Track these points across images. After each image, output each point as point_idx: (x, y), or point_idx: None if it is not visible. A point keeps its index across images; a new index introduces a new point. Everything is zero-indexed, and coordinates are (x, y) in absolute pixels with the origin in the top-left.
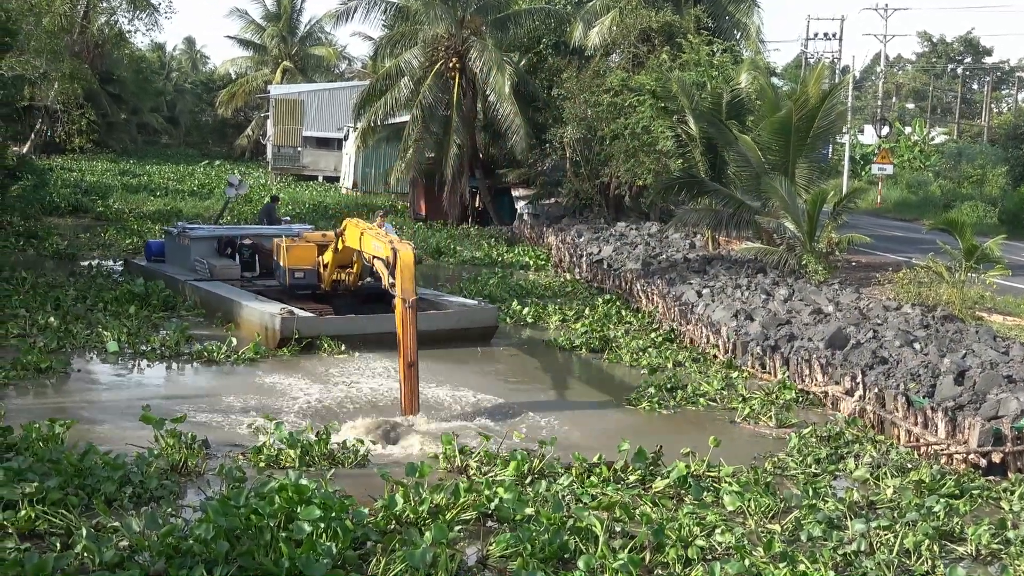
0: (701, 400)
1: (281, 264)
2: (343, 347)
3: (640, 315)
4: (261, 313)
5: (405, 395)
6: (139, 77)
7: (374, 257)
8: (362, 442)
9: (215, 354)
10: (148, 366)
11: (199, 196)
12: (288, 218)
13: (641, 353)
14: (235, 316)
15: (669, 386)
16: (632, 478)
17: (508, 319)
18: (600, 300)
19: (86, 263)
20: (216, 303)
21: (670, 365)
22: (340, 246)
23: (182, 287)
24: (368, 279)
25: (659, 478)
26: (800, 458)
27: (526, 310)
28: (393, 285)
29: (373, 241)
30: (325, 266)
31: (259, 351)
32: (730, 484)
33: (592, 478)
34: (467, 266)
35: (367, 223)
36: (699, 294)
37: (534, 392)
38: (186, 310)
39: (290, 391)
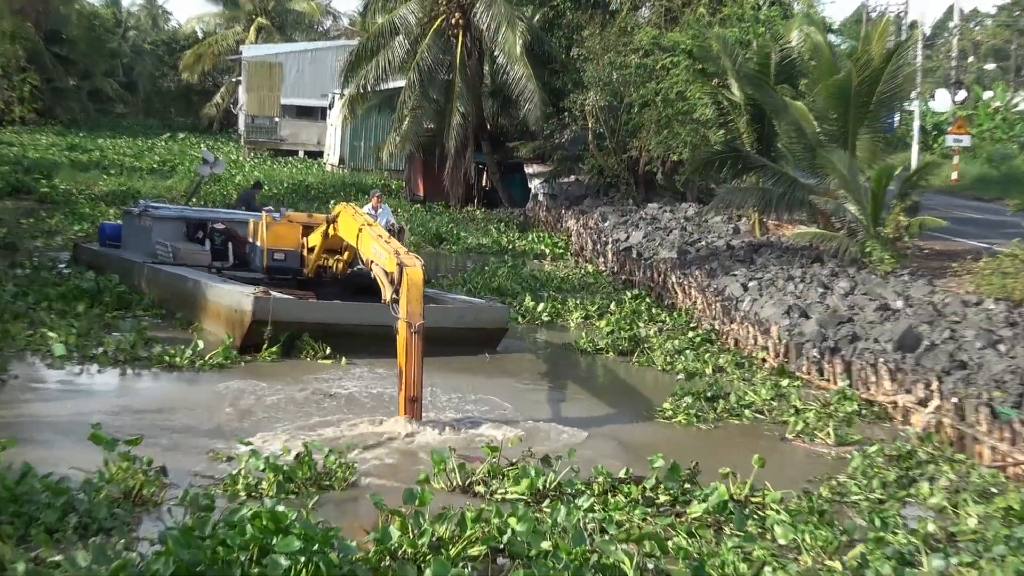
0: (746, 412)
1: (259, 244)
2: (327, 350)
3: (675, 312)
4: (230, 294)
5: (402, 404)
6: (90, 36)
7: (372, 263)
8: (341, 451)
9: (177, 359)
10: (99, 372)
11: (160, 174)
12: (270, 207)
13: (676, 356)
14: (199, 301)
15: (708, 395)
16: (663, 499)
17: (520, 317)
18: (628, 295)
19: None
20: (178, 288)
21: (710, 370)
22: (331, 232)
23: (138, 271)
24: (359, 267)
25: (695, 502)
26: (864, 481)
27: (541, 307)
28: (395, 302)
29: (374, 245)
30: (310, 249)
31: (229, 356)
32: (779, 512)
33: (618, 497)
34: (472, 255)
35: (365, 215)
36: (744, 287)
37: (550, 402)
38: (143, 309)
39: (264, 404)
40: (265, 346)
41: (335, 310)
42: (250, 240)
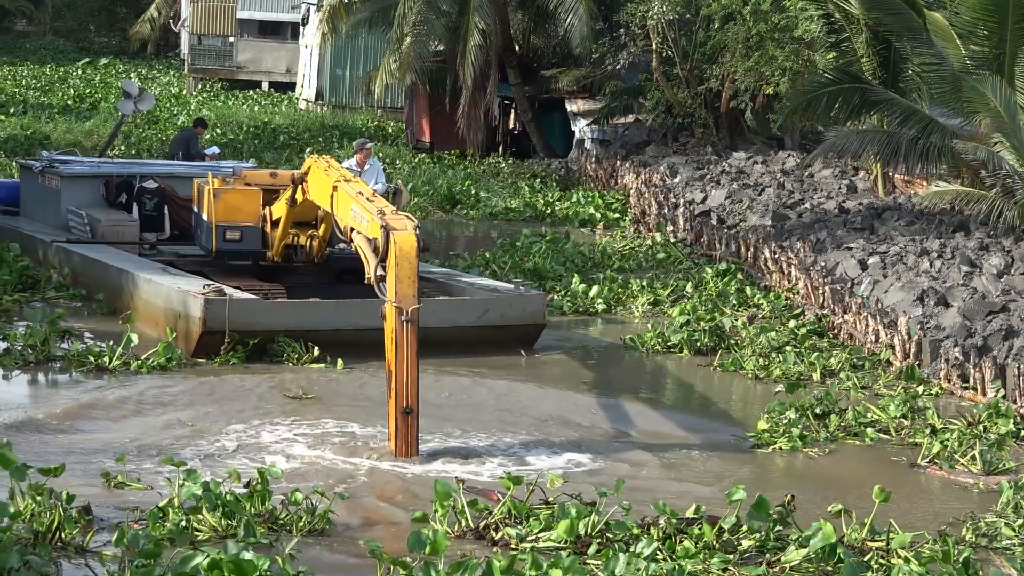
0: (868, 432)
1: (205, 217)
2: (315, 351)
3: (769, 296)
4: (171, 292)
5: (399, 438)
6: None
7: (352, 230)
8: (322, 493)
9: (104, 359)
10: (3, 376)
11: (75, 114)
12: (216, 149)
13: (774, 356)
14: (129, 299)
15: (818, 409)
16: (747, 544)
17: (566, 305)
18: (710, 270)
19: None
20: (99, 279)
21: (817, 375)
22: (299, 196)
23: (44, 253)
24: (341, 244)
25: (792, 546)
26: (1019, 521)
27: (595, 291)
28: (382, 279)
29: (352, 205)
30: (275, 223)
31: (173, 355)
32: (908, 560)
33: (686, 543)
34: (497, 223)
35: (343, 170)
36: (863, 265)
37: (599, 419)
38: (56, 289)
39: (219, 420)
40: (224, 351)
41: (316, 312)
42: (194, 209)
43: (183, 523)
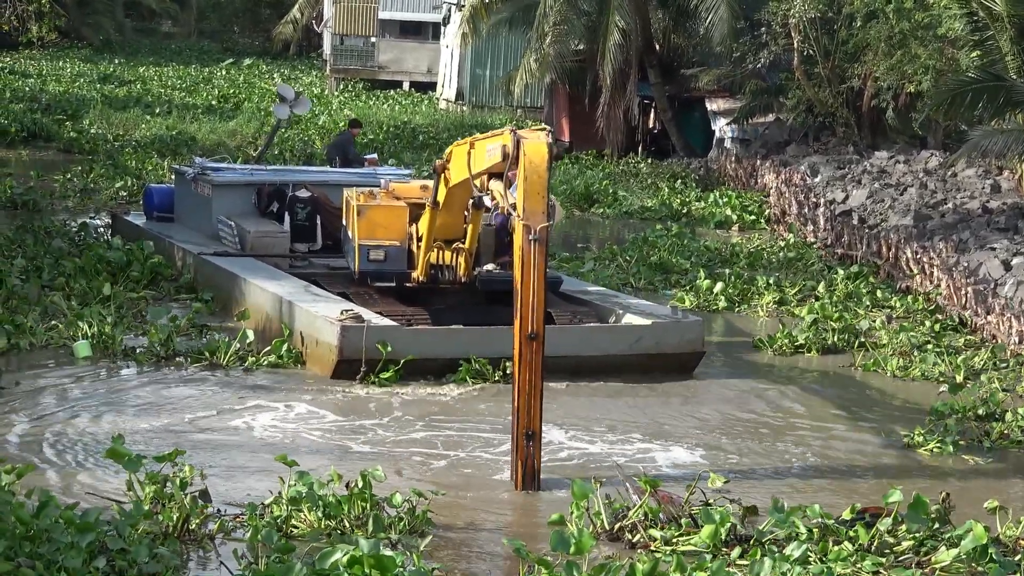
0: None
1: (350, 235)
2: (496, 374)
3: (910, 296)
4: (308, 317)
5: (517, 469)
6: None
7: (489, 175)
8: (420, 494)
9: (219, 355)
10: (128, 373)
11: (220, 114)
12: (374, 155)
13: (915, 354)
14: (264, 318)
15: (981, 410)
16: (905, 545)
17: (688, 300)
18: (841, 272)
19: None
20: (236, 294)
21: (960, 376)
22: (441, 196)
23: (188, 265)
24: (490, 266)
25: (944, 546)
26: None
27: (719, 287)
28: (514, 207)
29: (488, 144)
30: (420, 240)
31: (285, 354)
32: None
33: (840, 546)
34: (632, 222)
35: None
36: (1007, 265)
37: (728, 423)
38: (177, 289)
39: (328, 418)
40: (360, 380)
41: (459, 339)
42: (343, 223)
43: (281, 519)
